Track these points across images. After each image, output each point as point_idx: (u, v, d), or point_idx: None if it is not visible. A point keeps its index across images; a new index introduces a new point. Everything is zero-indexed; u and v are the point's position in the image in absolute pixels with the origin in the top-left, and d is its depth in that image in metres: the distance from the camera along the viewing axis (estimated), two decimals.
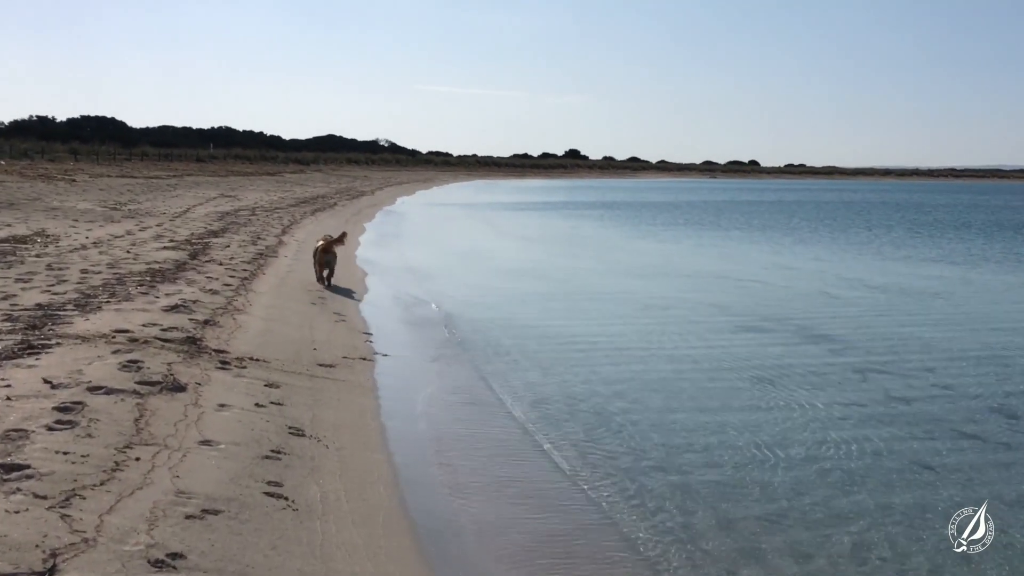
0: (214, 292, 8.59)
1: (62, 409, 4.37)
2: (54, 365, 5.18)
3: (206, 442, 4.29)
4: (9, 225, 14.85)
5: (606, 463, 5.00)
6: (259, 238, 15.11)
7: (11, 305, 7.23)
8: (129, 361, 5.42)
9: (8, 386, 4.68)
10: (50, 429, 4.06)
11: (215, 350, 6.21)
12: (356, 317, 9.19)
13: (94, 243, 12.73)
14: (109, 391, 4.74)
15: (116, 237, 13.82)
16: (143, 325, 6.58)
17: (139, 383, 5.01)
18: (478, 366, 7.34)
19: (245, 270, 10.65)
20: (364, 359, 7.10)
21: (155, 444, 4.10)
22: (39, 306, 7.19)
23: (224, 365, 5.85)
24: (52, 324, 6.39)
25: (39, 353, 5.44)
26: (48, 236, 13.62)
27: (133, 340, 6.05)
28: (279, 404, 5.26)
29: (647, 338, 8.83)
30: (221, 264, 10.88)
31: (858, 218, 33.87)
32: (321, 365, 6.56)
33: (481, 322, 9.53)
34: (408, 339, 8.40)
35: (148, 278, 9.08)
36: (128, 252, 11.51)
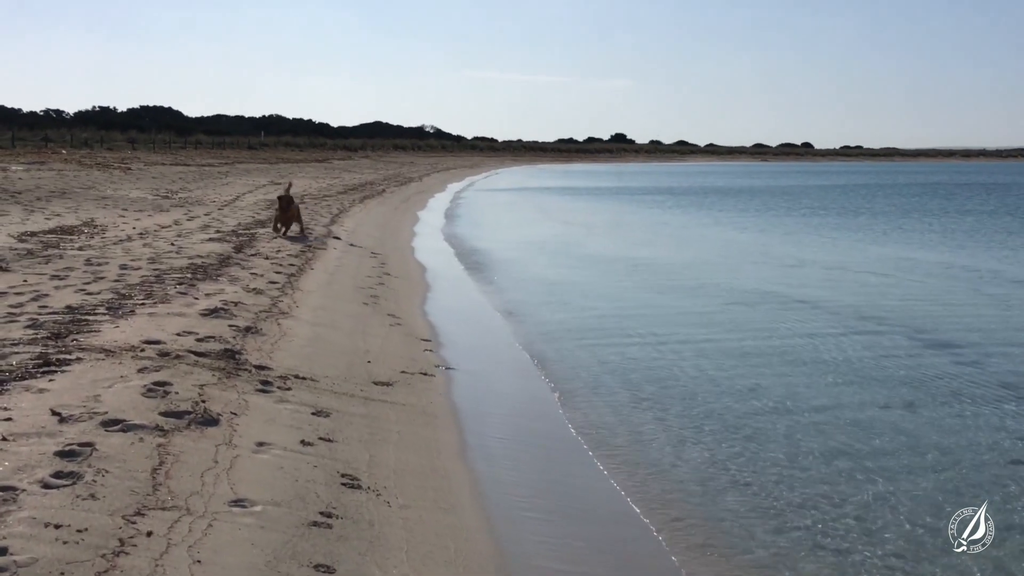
0: (258, 292, 7.78)
1: (66, 454, 3.53)
2: (68, 389, 4.38)
3: (239, 502, 3.39)
4: (59, 215, 14.52)
5: (735, 533, 3.92)
6: (307, 228, 14.39)
7: (39, 307, 6.55)
8: (155, 384, 4.59)
9: (9, 419, 3.88)
10: (46, 487, 3.21)
11: (256, 366, 5.34)
12: (414, 319, 8.27)
13: (140, 234, 12.20)
14: (126, 427, 3.90)
15: (163, 227, 13.30)
16: (177, 334, 5.77)
17: (164, 414, 4.16)
18: (563, 380, 6.33)
19: (292, 265, 9.86)
20: (425, 374, 6.15)
21: (175, 507, 3.21)
22: (68, 309, 6.48)
23: (265, 387, 4.98)
24: (77, 332, 5.64)
25: (55, 372, 4.66)
26: (95, 227, 13.18)
27: (164, 354, 5.23)
28: (329, 440, 4.33)
29: (777, 346, 7.51)
30: (267, 258, 10.12)
31: (947, 202, 31.36)
32: (377, 384, 5.63)
33: (560, 322, 8.50)
34: (473, 347, 7.42)
35: (189, 275, 8.35)
36: (172, 244, 10.88)
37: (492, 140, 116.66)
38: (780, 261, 13.88)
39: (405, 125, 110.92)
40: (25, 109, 77.05)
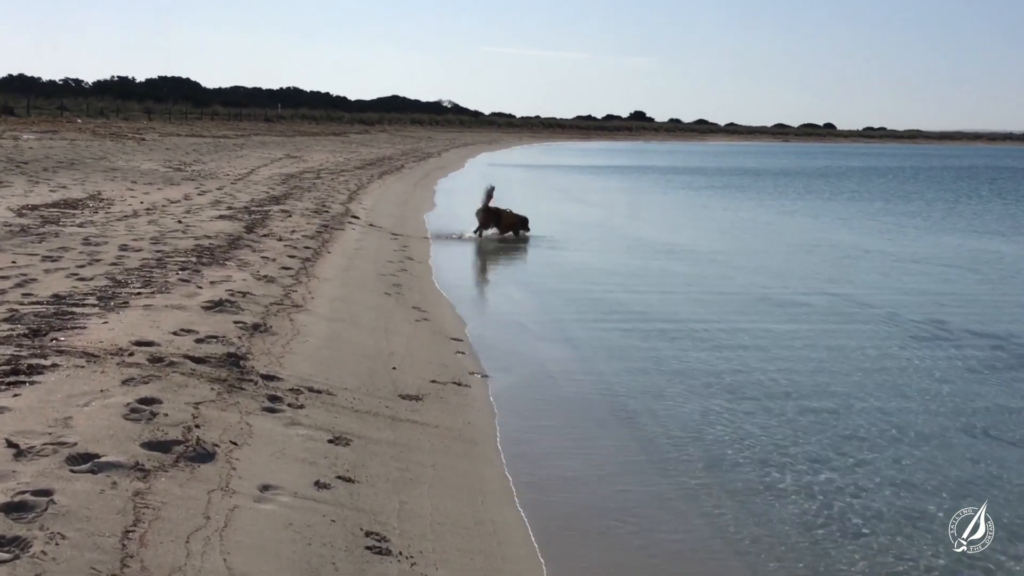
0: (269, 280, 6.97)
1: (15, 508, 2.74)
2: (36, 407, 3.60)
3: None
4: (64, 187, 13.81)
5: None
6: (324, 206, 13.57)
7: (23, 295, 5.79)
8: (141, 401, 3.79)
9: None
10: None
11: (263, 375, 4.54)
12: (441, 313, 7.44)
13: (147, 209, 11.44)
14: (98, 466, 3.10)
15: (172, 202, 12.54)
16: (174, 333, 4.98)
17: (147, 445, 3.36)
18: (620, 387, 5.47)
19: (307, 248, 9.04)
20: (458, 384, 5.32)
21: None
22: (55, 298, 5.71)
23: (273, 404, 4.17)
24: (59, 329, 4.86)
25: (23, 384, 3.88)
26: (101, 200, 12.46)
27: (156, 360, 4.44)
28: (349, 481, 3.52)
29: (870, 367, 6.19)
30: (280, 239, 9.31)
31: (997, 187, 29.87)
32: (404, 398, 4.81)
33: (604, 315, 7.62)
34: (511, 346, 6.56)
35: (194, 258, 7.56)
36: (179, 222, 10.10)
37: (510, 116, 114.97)
38: (842, 251, 12.64)
39: (423, 99, 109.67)
40: (44, 78, 76.78)
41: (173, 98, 68.90)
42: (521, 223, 12.90)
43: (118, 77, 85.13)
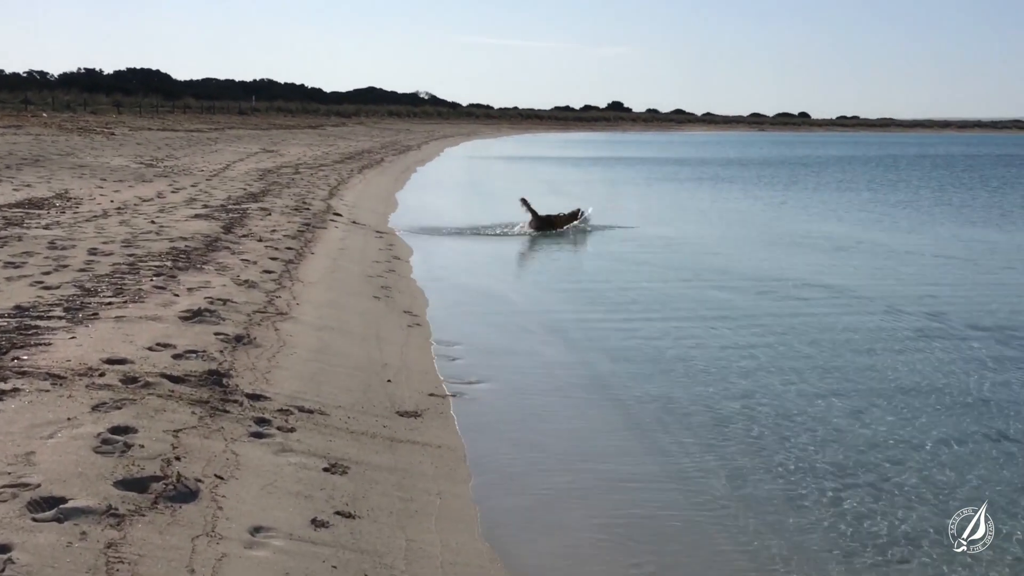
0: (250, 285, 6.57)
1: None
2: None
3: None
4: (29, 186, 13.17)
5: None
6: (304, 203, 13.11)
7: None
8: (114, 430, 3.42)
9: None
10: None
11: (249, 395, 4.18)
12: (432, 316, 7.09)
13: (117, 209, 10.91)
14: (64, 512, 2.73)
15: (144, 201, 12.00)
16: (149, 348, 4.59)
17: (121, 484, 3.00)
18: (627, 394, 5.19)
19: (289, 248, 8.63)
20: (457, 396, 4.99)
21: None
22: (17, 310, 5.27)
23: (262, 428, 3.82)
24: (21, 347, 4.45)
25: None
26: (68, 199, 11.88)
27: (129, 380, 4.06)
28: (349, 516, 3.19)
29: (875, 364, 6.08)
30: (260, 240, 8.88)
31: (979, 174, 30.03)
32: (402, 415, 4.48)
33: (603, 317, 7.34)
34: (509, 351, 6.22)
35: (169, 263, 7.12)
36: (153, 223, 9.61)
37: (488, 107, 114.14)
38: (835, 243, 12.39)
39: (399, 91, 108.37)
40: (7, 70, 74.45)
41: (143, 91, 67.33)
42: (574, 217, 13.94)
43: (85, 69, 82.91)
